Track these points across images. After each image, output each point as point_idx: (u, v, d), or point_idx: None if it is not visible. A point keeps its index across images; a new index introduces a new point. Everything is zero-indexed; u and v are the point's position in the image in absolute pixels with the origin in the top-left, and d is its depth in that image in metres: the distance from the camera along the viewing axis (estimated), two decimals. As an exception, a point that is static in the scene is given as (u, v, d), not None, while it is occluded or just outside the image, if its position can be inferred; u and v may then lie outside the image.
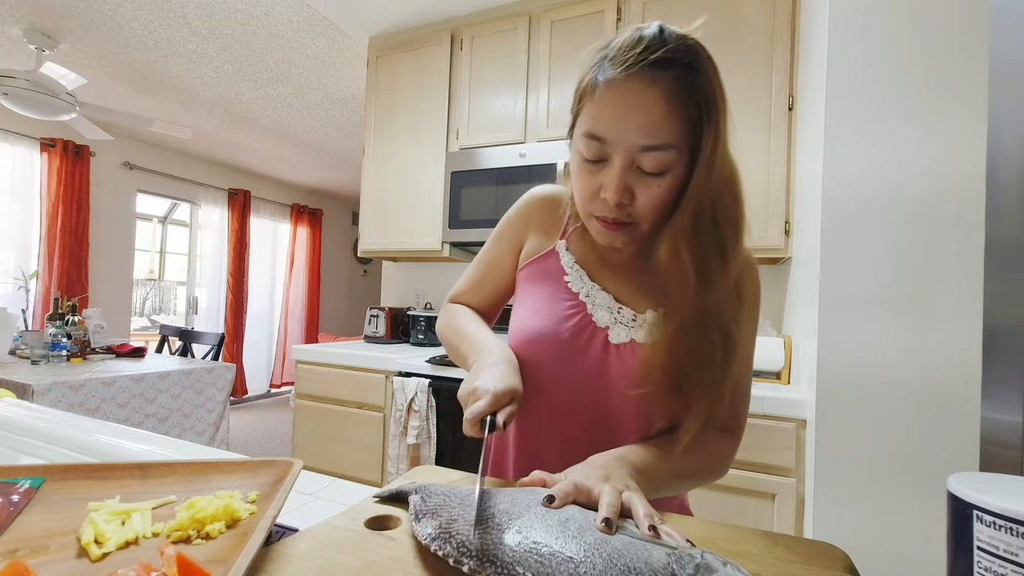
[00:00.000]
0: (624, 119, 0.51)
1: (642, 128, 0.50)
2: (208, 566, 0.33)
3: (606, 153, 0.53)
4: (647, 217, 0.55)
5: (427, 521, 0.39)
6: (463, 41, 2.18)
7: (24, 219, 3.44)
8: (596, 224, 0.57)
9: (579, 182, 0.57)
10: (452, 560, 0.34)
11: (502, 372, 0.54)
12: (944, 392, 1.06)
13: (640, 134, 0.50)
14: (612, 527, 0.38)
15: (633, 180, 0.53)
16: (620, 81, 0.50)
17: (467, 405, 0.52)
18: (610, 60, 0.51)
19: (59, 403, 1.80)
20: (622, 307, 0.62)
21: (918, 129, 1.10)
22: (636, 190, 0.53)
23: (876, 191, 1.14)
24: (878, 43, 1.14)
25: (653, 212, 0.55)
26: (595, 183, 0.55)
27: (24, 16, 2.35)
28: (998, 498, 0.29)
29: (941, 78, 1.09)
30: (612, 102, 0.51)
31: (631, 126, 0.50)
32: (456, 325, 0.70)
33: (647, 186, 0.53)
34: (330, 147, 4.17)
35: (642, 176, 0.53)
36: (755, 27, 1.68)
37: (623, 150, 0.51)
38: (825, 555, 0.40)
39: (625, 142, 0.51)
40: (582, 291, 0.63)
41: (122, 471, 0.48)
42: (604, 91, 0.51)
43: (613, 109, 0.51)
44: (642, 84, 0.50)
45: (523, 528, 0.36)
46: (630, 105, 0.50)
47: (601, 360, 0.60)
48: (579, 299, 0.63)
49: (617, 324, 0.61)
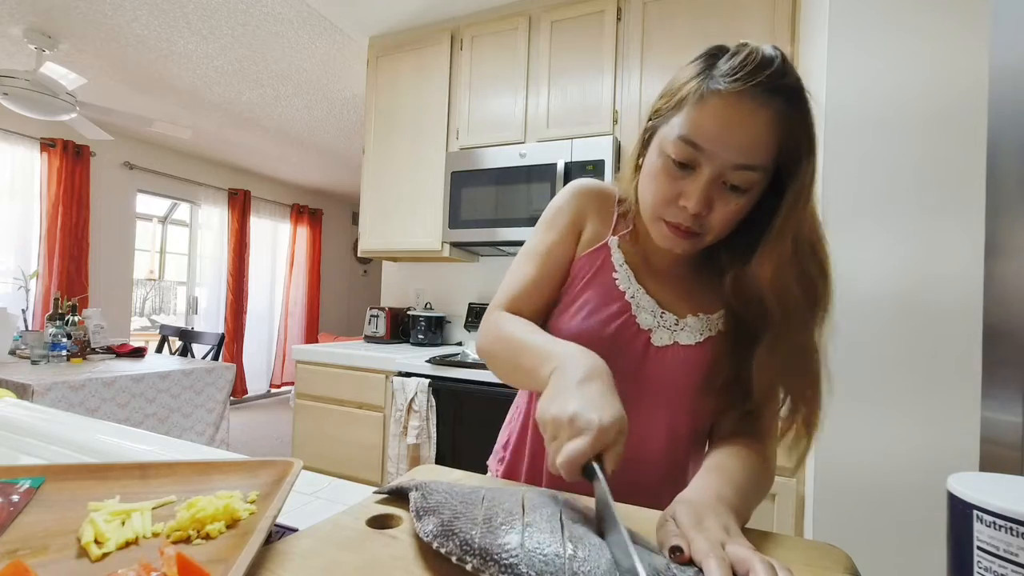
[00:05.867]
0: (728, 134, 0.50)
1: (742, 147, 0.50)
2: (208, 566, 0.33)
3: (697, 161, 0.52)
4: (716, 230, 0.55)
5: (428, 519, 0.38)
6: (463, 41, 2.18)
7: (24, 219, 3.44)
8: (664, 228, 0.57)
9: (656, 184, 0.56)
10: (455, 557, 0.34)
11: (602, 393, 0.44)
12: (944, 392, 1.06)
13: (739, 152, 0.51)
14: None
15: (715, 193, 0.53)
16: (733, 96, 0.50)
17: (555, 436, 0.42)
18: (725, 73, 0.51)
19: (59, 403, 1.80)
20: (664, 311, 0.63)
21: (918, 126, 1.10)
22: (715, 203, 0.53)
23: (876, 189, 1.14)
24: (878, 44, 1.14)
25: (723, 226, 0.55)
26: (675, 188, 0.54)
27: (24, 16, 2.35)
28: (998, 498, 0.29)
29: (942, 80, 1.09)
30: (719, 115, 0.51)
31: (732, 142, 0.50)
32: (512, 336, 0.59)
33: (726, 201, 0.53)
34: (330, 147, 4.17)
35: (724, 191, 0.53)
36: (755, 26, 1.68)
37: (717, 163, 0.51)
38: (826, 556, 0.40)
39: (721, 156, 0.51)
40: (628, 291, 0.63)
41: (122, 471, 0.48)
42: (716, 99, 0.51)
43: (719, 122, 0.51)
44: (754, 104, 0.50)
45: (527, 528, 0.36)
46: (737, 122, 0.50)
47: (640, 360, 0.61)
48: (625, 299, 0.63)
49: (660, 327, 0.62)
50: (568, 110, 1.93)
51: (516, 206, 1.93)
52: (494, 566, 0.33)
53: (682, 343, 0.61)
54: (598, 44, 1.91)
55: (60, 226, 3.54)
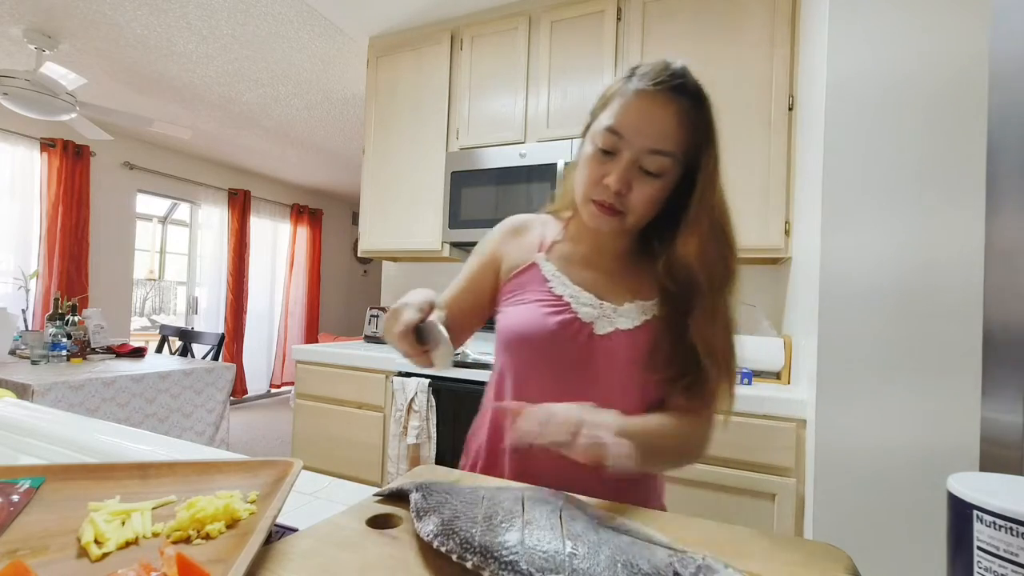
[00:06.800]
0: (642, 122, 0.61)
1: (654, 134, 0.61)
2: (208, 566, 0.33)
3: (618, 147, 0.62)
4: (636, 210, 0.64)
5: (429, 519, 0.39)
6: (463, 41, 2.18)
7: (24, 219, 3.44)
8: (592, 208, 0.65)
9: (587, 170, 0.65)
10: (455, 556, 0.34)
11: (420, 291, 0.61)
12: (944, 391, 1.06)
13: (652, 139, 0.61)
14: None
15: (634, 176, 0.62)
16: (647, 93, 0.61)
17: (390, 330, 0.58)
18: (640, 76, 0.62)
19: (59, 403, 1.80)
20: (603, 302, 0.69)
21: (918, 112, 1.10)
22: (634, 185, 0.63)
23: (876, 187, 1.14)
24: (878, 33, 1.14)
25: (642, 206, 0.64)
26: (601, 171, 0.64)
27: (24, 16, 2.35)
28: (998, 498, 0.29)
29: (941, 82, 1.09)
30: (636, 107, 0.61)
31: (645, 130, 0.61)
32: None
33: (643, 184, 0.63)
34: (330, 147, 4.17)
35: (641, 175, 0.63)
36: (755, 26, 1.68)
37: (634, 148, 0.61)
38: (828, 556, 0.40)
39: (637, 142, 0.61)
40: (566, 293, 0.70)
41: (122, 471, 0.48)
42: (632, 97, 0.62)
43: (635, 113, 0.61)
44: (664, 100, 0.61)
45: (527, 526, 0.36)
46: (649, 113, 0.61)
47: (587, 349, 0.67)
48: (563, 300, 0.70)
49: (601, 318, 0.68)
50: (568, 110, 1.93)
51: (516, 206, 1.93)
52: (494, 563, 0.33)
53: (622, 328, 0.68)
54: (598, 44, 1.91)
55: (60, 226, 3.54)
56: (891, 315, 1.11)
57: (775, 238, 1.62)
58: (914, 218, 1.10)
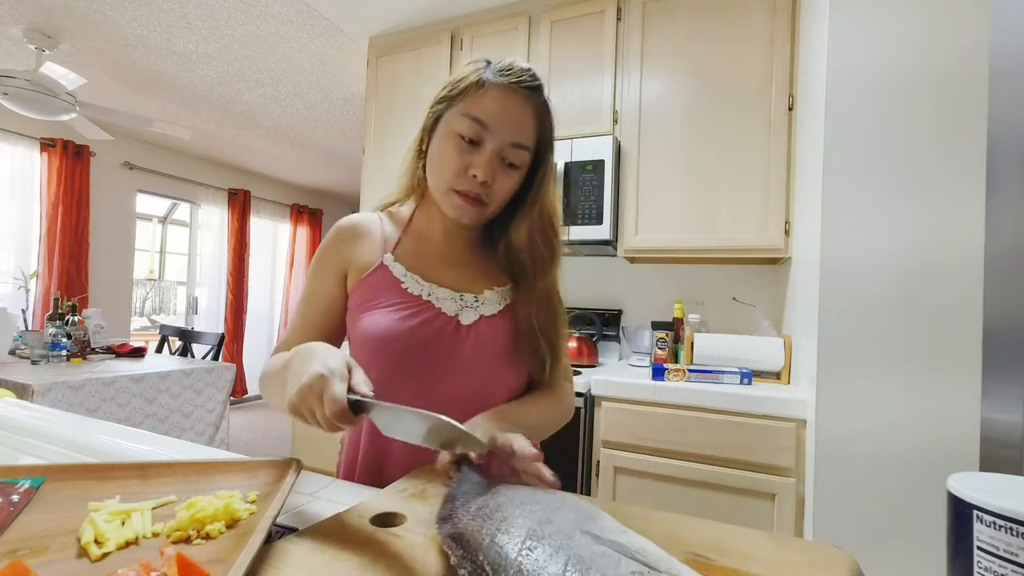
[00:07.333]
0: (506, 115, 0.64)
1: (517, 127, 0.65)
2: (208, 566, 0.33)
3: (482, 137, 0.64)
4: (496, 201, 0.67)
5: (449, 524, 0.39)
6: (463, 41, 2.18)
7: (24, 219, 3.44)
8: (455, 198, 0.66)
9: (449, 158, 0.65)
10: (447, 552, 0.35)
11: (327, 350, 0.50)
12: (945, 391, 1.06)
13: (515, 132, 0.65)
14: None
15: (497, 167, 0.65)
16: (509, 87, 0.64)
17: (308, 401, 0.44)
18: (499, 71, 0.65)
19: (59, 403, 1.80)
20: (463, 293, 0.71)
21: (917, 117, 1.10)
22: (497, 176, 0.65)
23: (876, 187, 1.14)
24: (879, 36, 1.14)
25: (502, 197, 0.68)
26: (465, 161, 0.65)
27: (24, 16, 2.35)
28: (998, 498, 0.29)
29: (940, 83, 1.09)
30: (499, 100, 0.64)
31: (509, 123, 0.64)
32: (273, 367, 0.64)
33: (505, 175, 0.66)
34: (330, 147, 4.17)
35: (503, 167, 0.66)
36: (755, 26, 1.68)
37: (498, 140, 0.64)
38: (832, 558, 0.40)
39: (501, 134, 0.64)
40: (423, 292, 0.69)
41: (122, 471, 0.48)
42: (494, 89, 0.64)
43: (499, 105, 0.64)
44: (523, 96, 0.65)
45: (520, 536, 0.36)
46: (512, 108, 0.64)
47: (455, 341, 0.68)
48: (421, 299, 0.69)
49: (464, 309, 0.70)
50: (568, 110, 1.93)
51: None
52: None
53: (486, 315, 0.70)
54: (598, 44, 1.91)
55: (60, 226, 3.54)
56: (891, 315, 1.11)
57: (775, 238, 1.62)
58: (914, 218, 1.10)
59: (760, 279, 1.91)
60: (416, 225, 0.75)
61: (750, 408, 1.34)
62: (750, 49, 1.68)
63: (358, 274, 0.71)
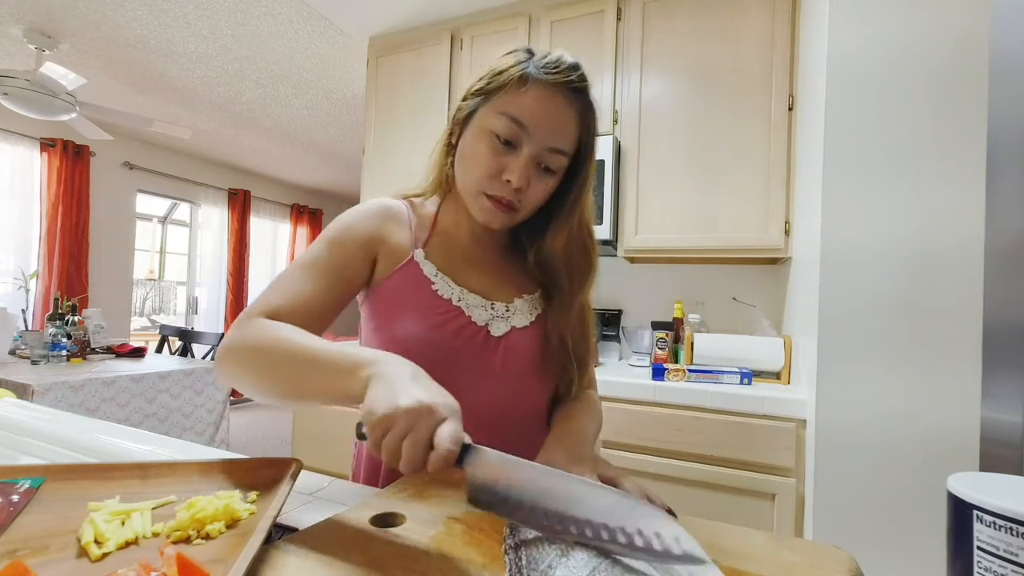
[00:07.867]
0: (548, 118, 0.58)
1: (557, 131, 0.59)
2: (208, 566, 0.33)
3: (519, 139, 0.59)
4: (528, 207, 0.63)
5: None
6: (463, 41, 2.18)
7: (24, 219, 3.44)
8: (486, 202, 0.61)
9: (481, 158, 0.60)
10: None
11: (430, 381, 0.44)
12: (945, 391, 1.06)
13: (555, 136, 0.59)
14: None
15: (532, 172, 0.60)
16: (552, 86, 0.58)
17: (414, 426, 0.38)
18: (543, 67, 0.58)
19: (59, 403, 1.80)
20: (494, 302, 0.67)
21: (919, 116, 1.10)
22: (532, 182, 0.60)
23: (877, 186, 1.14)
24: (879, 40, 1.14)
25: (535, 204, 0.63)
26: (499, 164, 0.59)
27: (24, 16, 2.35)
28: (998, 498, 0.29)
29: (942, 83, 1.09)
30: (541, 100, 0.58)
31: (550, 126, 0.58)
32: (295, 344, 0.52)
33: (539, 181, 0.61)
34: (330, 147, 4.17)
35: (539, 171, 0.61)
36: (755, 26, 1.67)
37: (536, 144, 0.58)
38: (831, 558, 0.40)
39: (541, 137, 0.58)
40: (453, 296, 0.65)
41: (122, 471, 0.48)
42: (537, 87, 0.58)
43: (541, 105, 0.58)
44: (567, 98, 0.59)
45: None
46: (554, 109, 0.58)
47: (484, 352, 0.65)
48: (452, 304, 0.65)
49: (495, 319, 0.66)
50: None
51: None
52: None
53: (517, 326, 0.67)
54: (598, 44, 1.91)
55: (60, 226, 3.54)
56: (891, 315, 1.11)
57: (775, 238, 1.62)
58: (915, 217, 1.10)
59: (760, 279, 1.91)
60: (442, 223, 0.70)
61: (750, 408, 1.34)
62: (750, 49, 1.68)
63: (387, 259, 0.65)
